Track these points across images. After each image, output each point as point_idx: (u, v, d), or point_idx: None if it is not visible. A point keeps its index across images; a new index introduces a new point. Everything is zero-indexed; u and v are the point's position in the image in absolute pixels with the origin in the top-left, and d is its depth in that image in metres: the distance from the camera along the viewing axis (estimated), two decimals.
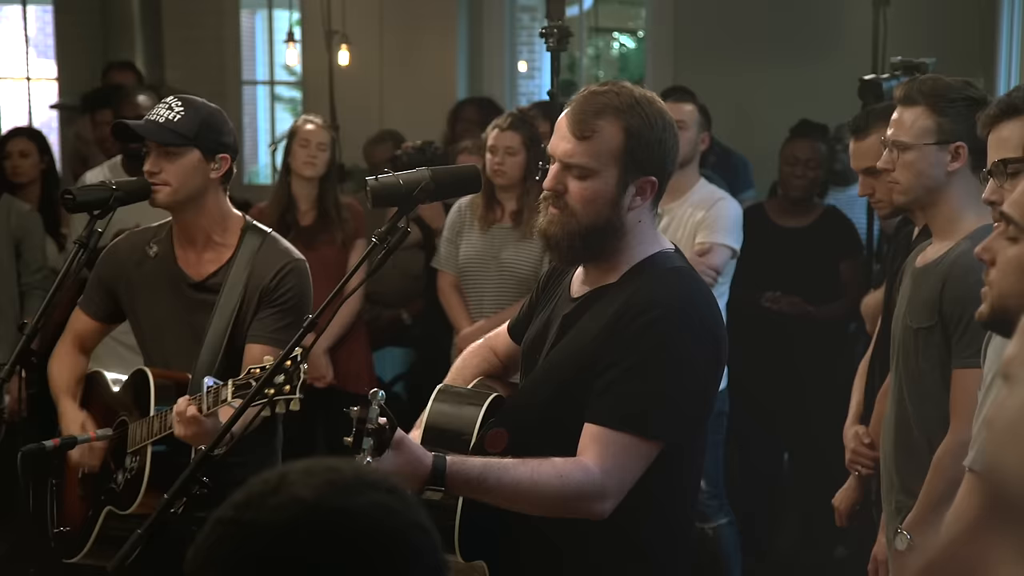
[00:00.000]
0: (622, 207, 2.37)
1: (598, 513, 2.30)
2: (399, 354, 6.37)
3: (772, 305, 5.37)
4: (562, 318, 2.47)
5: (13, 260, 5.12)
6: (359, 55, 7.34)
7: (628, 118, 2.35)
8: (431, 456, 2.24)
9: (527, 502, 2.31)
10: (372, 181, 2.42)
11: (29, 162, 5.61)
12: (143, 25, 8.06)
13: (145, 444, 3.05)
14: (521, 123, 4.78)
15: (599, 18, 9.09)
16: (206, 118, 3.16)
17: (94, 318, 3.37)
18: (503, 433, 2.40)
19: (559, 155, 2.38)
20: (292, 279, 3.17)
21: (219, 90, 7.88)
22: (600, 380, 2.32)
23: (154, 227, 3.34)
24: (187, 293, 3.22)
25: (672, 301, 2.34)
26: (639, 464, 2.31)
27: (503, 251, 4.81)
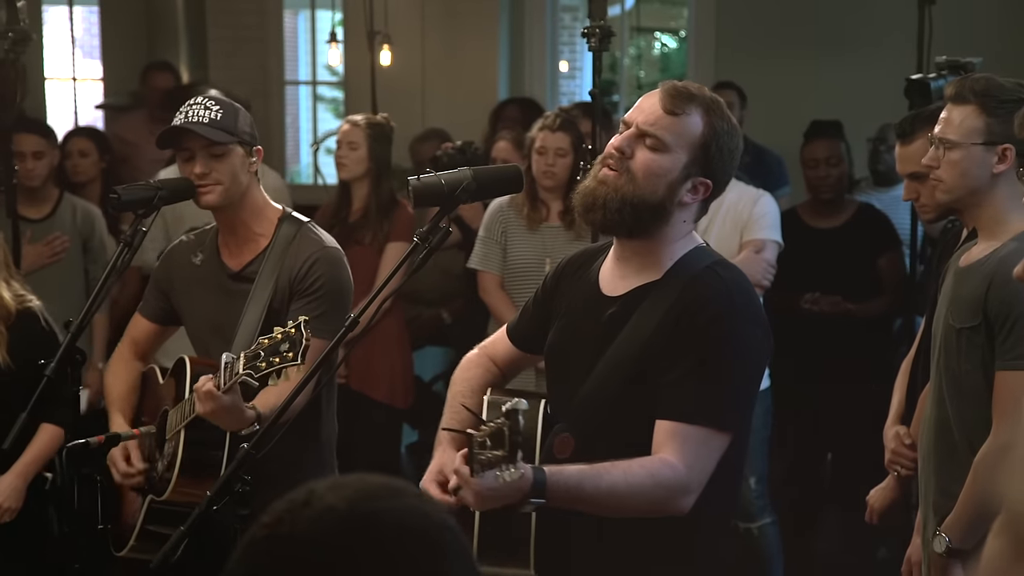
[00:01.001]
0: (676, 195, 2.39)
1: (684, 508, 2.32)
2: (439, 353, 6.38)
3: (812, 306, 5.34)
4: (608, 318, 2.45)
5: (80, 256, 5.19)
6: (401, 55, 7.36)
7: (715, 118, 2.41)
8: (531, 468, 2.21)
9: (625, 504, 2.31)
10: (414, 181, 2.43)
11: (88, 161, 5.67)
12: (187, 26, 8.13)
13: (178, 429, 3.08)
14: (569, 124, 4.78)
15: (641, 18, 9.08)
16: (240, 113, 3.20)
17: (150, 320, 3.41)
18: (569, 438, 2.41)
19: (640, 121, 2.40)
20: (321, 267, 3.16)
21: (262, 90, 7.93)
22: (669, 377, 2.34)
23: (199, 234, 3.38)
24: (227, 285, 3.25)
25: (729, 296, 2.39)
26: (715, 456, 2.34)
27: (556, 251, 4.80)
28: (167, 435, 3.16)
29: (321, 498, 1.31)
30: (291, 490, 1.34)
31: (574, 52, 8.83)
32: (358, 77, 7.54)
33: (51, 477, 3.71)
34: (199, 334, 3.33)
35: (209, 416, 2.86)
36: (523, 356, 2.73)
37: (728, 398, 2.36)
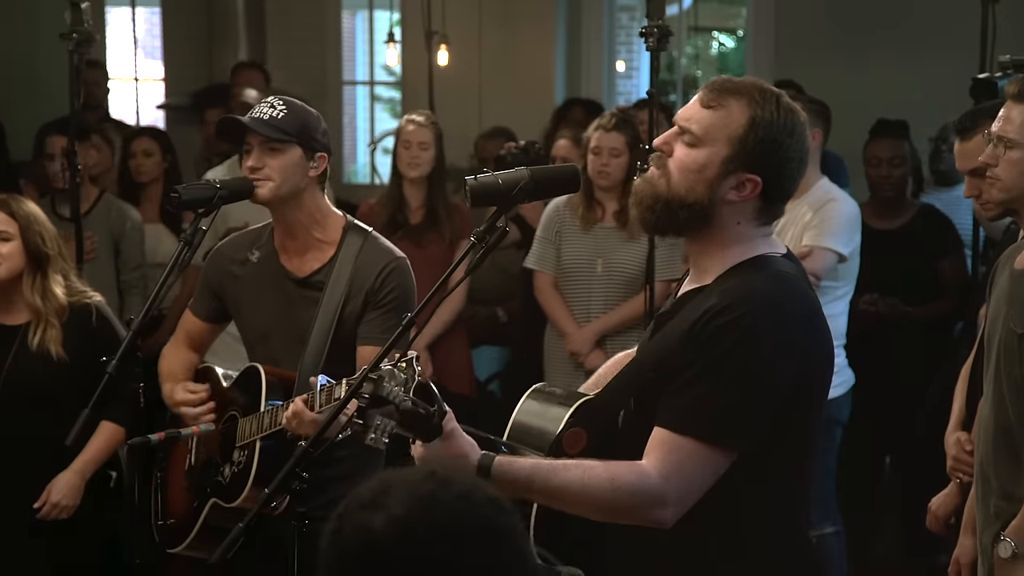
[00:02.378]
0: (717, 193, 2.27)
1: (657, 520, 2.21)
2: (495, 352, 6.38)
3: (870, 308, 5.29)
4: (656, 318, 2.43)
5: (112, 258, 5.24)
6: (458, 55, 7.37)
7: (758, 109, 2.26)
8: (480, 453, 2.20)
9: (578, 506, 2.24)
10: (471, 180, 2.42)
11: (152, 161, 5.72)
12: (247, 26, 8.20)
13: (254, 439, 3.10)
14: (624, 124, 4.76)
15: (698, 17, 9.02)
16: (306, 117, 3.23)
17: (202, 319, 3.44)
18: (582, 434, 2.35)
19: (678, 118, 2.33)
20: (395, 278, 3.21)
21: (320, 90, 7.98)
22: (673, 383, 2.23)
23: (256, 230, 3.40)
24: (291, 290, 3.27)
25: (753, 303, 2.22)
26: (705, 472, 2.20)
27: (609, 251, 4.80)
28: (238, 442, 3.18)
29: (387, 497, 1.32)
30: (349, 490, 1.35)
31: (631, 52, 8.80)
32: (415, 77, 7.57)
33: (115, 476, 3.75)
34: (256, 334, 3.35)
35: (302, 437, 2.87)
36: None
37: (728, 412, 2.19)
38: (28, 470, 3.65)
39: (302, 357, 3.16)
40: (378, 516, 1.32)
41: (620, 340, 4.76)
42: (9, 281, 3.63)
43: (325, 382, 2.82)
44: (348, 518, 1.33)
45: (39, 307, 3.62)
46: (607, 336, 4.84)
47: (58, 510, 3.66)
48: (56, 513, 3.66)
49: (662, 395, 2.25)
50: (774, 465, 2.29)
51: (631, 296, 4.77)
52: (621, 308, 4.80)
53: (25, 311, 3.66)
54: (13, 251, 3.61)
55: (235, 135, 3.24)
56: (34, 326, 3.63)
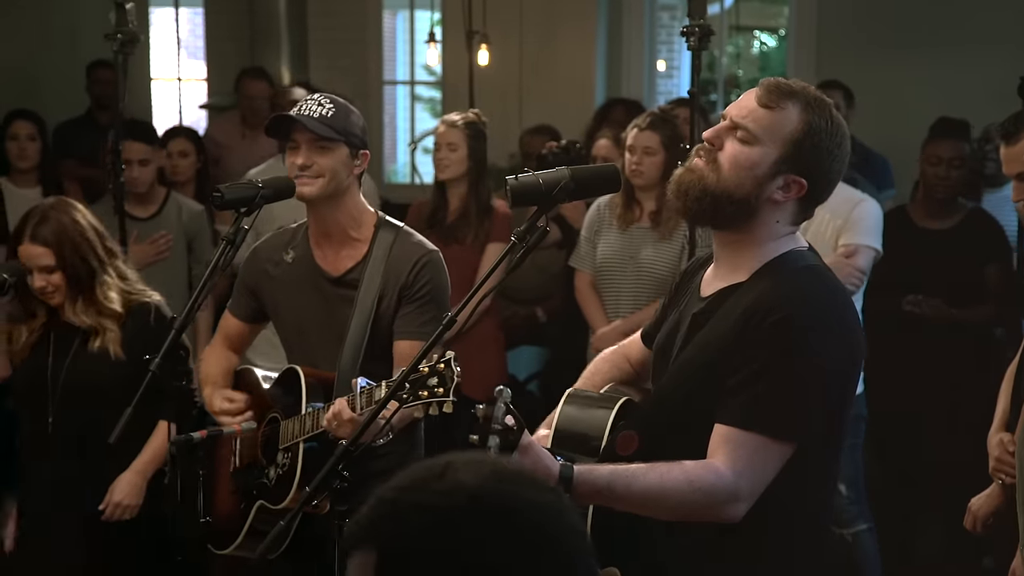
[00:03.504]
0: (764, 192, 2.31)
1: (731, 516, 2.26)
2: (534, 352, 6.37)
3: (914, 308, 5.25)
4: (691, 317, 2.42)
5: (185, 256, 5.28)
6: (499, 55, 7.38)
7: (814, 115, 2.31)
8: (558, 464, 2.22)
9: (657, 508, 2.28)
10: (512, 180, 2.42)
11: (187, 161, 5.76)
12: (289, 27, 8.24)
13: (297, 441, 3.12)
14: (661, 123, 4.75)
15: (740, 16, 8.99)
16: (351, 116, 3.26)
17: (240, 319, 3.46)
18: (634, 436, 2.37)
19: (732, 114, 2.34)
20: (428, 272, 3.22)
21: (361, 90, 8.01)
22: (730, 380, 2.27)
23: (290, 230, 3.41)
24: (326, 289, 3.28)
25: (802, 300, 2.29)
26: (771, 465, 2.26)
27: (641, 251, 4.79)
28: (281, 444, 3.20)
29: (456, 471, 1.31)
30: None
31: (672, 51, 8.77)
32: (456, 77, 7.58)
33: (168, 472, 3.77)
34: (294, 334, 3.37)
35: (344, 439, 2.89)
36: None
37: (790, 406, 2.25)
38: (87, 468, 3.68)
39: (340, 356, 3.17)
40: (445, 485, 1.30)
41: None
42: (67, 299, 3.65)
43: (365, 384, 2.83)
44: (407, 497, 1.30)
45: (89, 323, 3.63)
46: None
47: (121, 510, 3.68)
48: (120, 513, 3.68)
49: (717, 392, 2.28)
50: (815, 458, 2.33)
51: (661, 296, 4.76)
52: (648, 308, 4.79)
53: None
54: (61, 279, 3.60)
55: (281, 131, 3.24)
56: (92, 336, 3.64)
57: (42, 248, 3.57)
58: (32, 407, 3.69)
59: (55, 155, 6.07)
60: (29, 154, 5.63)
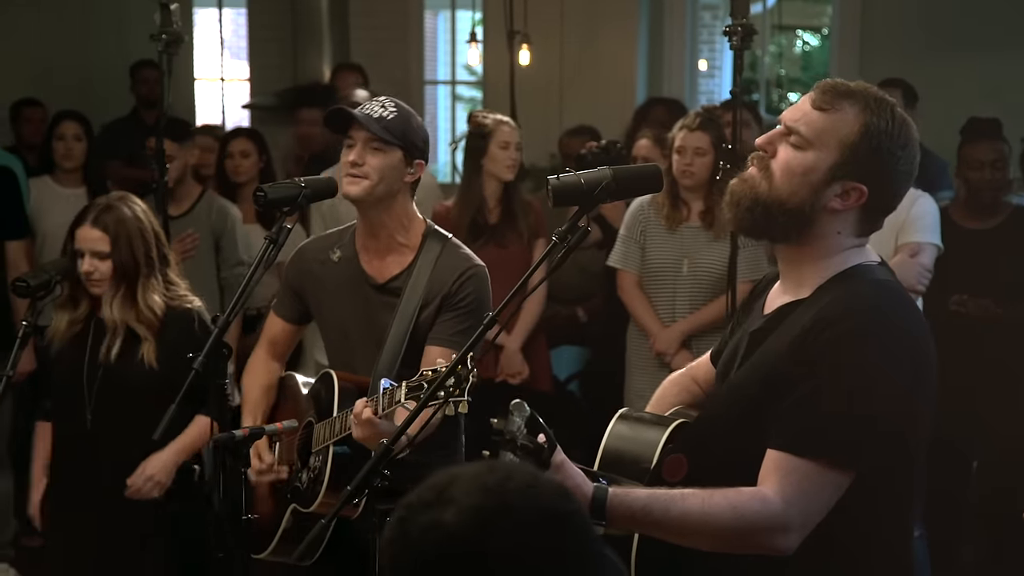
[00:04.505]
0: (819, 200, 2.17)
1: (781, 548, 2.10)
2: (574, 352, 6.36)
3: (960, 308, 5.20)
4: (750, 335, 2.29)
5: (213, 255, 5.30)
6: (540, 55, 7.38)
7: (873, 116, 2.16)
8: (592, 486, 2.11)
9: (698, 537, 2.13)
10: (554, 180, 2.40)
11: (249, 162, 5.77)
12: (331, 27, 8.27)
13: (327, 444, 3.13)
14: (710, 123, 4.73)
15: (782, 15, 8.95)
16: (412, 123, 3.24)
17: (286, 320, 3.47)
18: (682, 460, 2.24)
19: (786, 118, 2.21)
20: (472, 284, 3.22)
21: (403, 90, 8.03)
22: (784, 402, 2.11)
23: (338, 231, 3.42)
24: (370, 295, 3.29)
25: (863, 315, 2.12)
26: (827, 493, 2.10)
27: (696, 251, 4.77)
28: (313, 447, 3.21)
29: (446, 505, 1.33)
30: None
31: (713, 51, 8.74)
32: (497, 76, 7.59)
33: (198, 469, 3.77)
34: (335, 337, 3.38)
35: (364, 440, 2.90)
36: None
37: (847, 430, 2.08)
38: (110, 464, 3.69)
39: (377, 362, 3.18)
40: (448, 510, 1.32)
41: (706, 340, 4.73)
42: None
43: (387, 385, 2.84)
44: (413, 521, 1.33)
45: (119, 322, 3.65)
46: (692, 336, 4.82)
47: (151, 485, 3.66)
48: (148, 489, 3.66)
49: (771, 415, 2.14)
50: (886, 481, 2.18)
51: (717, 296, 4.75)
52: (707, 308, 4.77)
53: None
54: (111, 269, 3.63)
55: (340, 126, 3.26)
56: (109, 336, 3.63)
57: (100, 233, 3.62)
58: (69, 402, 3.70)
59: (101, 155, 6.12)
60: (75, 154, 5.69)
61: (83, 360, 3.68)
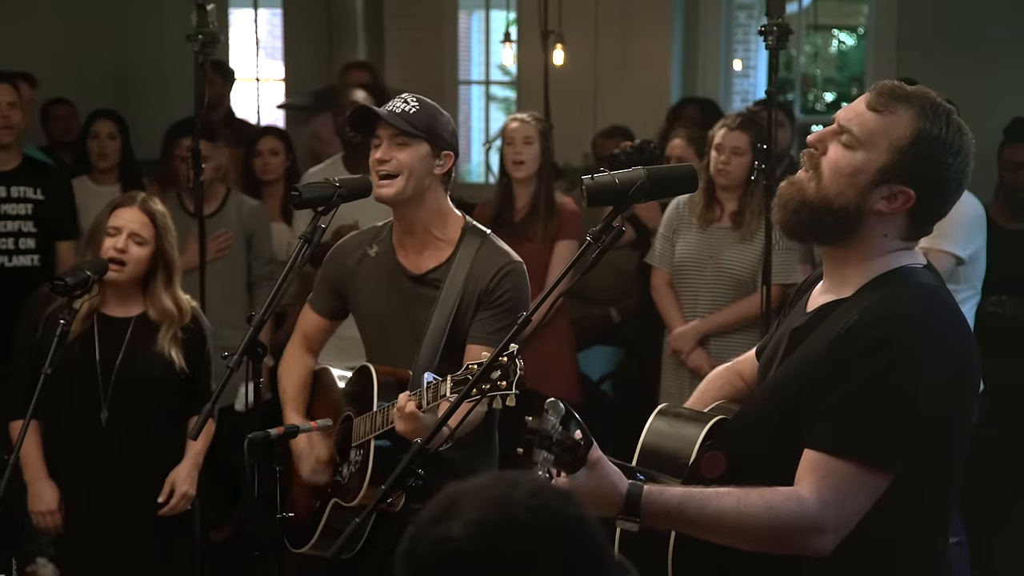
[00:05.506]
0: (866, 201, 2.16)
1: (817, 549, 2.10)
2: (607, 353, 6.36)
3: (997, 309, 5.16)
4: (791, 332, 2.28)
5: (244, 253, 5.33)
6: (574, 54, 7.37)
7: (927, 122, 2.15)
8: (627, 483, 2.11)
9: (733, 536, 2.13)
10: (588, 180, 2.40)
11: (278, 160, 5.81)
12: (366, 27, 8.29)
13: (368, 438, 3.14)
14: (750, 123, 4.72)
15: (818, 15, 8.89)
16: (437, 115, 3.25)
17: (322, 315, 3.48)
18: (720, 457, 2.23)
19: (839, 117, 2.20)
20: (510, 281, 3.21)
21: (436, 90, 8.04)
22: (822, 402, 2.11)
23: (376, 228, 3.42)
24: (407, 287, 3.29)
25: (904, 317, 2.11)
26: (864, 495, 2.10)
27: (721, 251, 4.76)
28: (353, 442, 3.22)
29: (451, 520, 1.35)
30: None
31: (748, 50, 8.70)
32: (531, 76, 7.59)
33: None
34: (373, 331, 3.38)
35: (407, 434, 2.90)
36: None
37: (884, 432, 2.08)
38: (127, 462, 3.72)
39: (417, 356, 3.18)
40: (454, 525, 1.33)
41: (724, 341, 4.73)
42: (128, 282, 3.70)
43: (432, 379, 2.84)
44: (422, 536, 1.35)
45: (168, 309, 3.69)
46: (711, 337, 4.80)
47: (185, 500, 3.72)
48: (183, 505, 3.72)
49: (809, 414, 2.14)
50: (926, 483, 2.18)
51: (739, 298, 4.74)
52: (728, 309, 4.76)
53: (137, 305, 3.72)
54: (143, 256, 3.67)
55: (365, 126, 3.27)
56: (165, 327, 3.69)
57: (146, 218, 3.68)
58: (80, 400, 3.71)
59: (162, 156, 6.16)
60: (109, 152, 5.73)
61: (94, 358, 3.69)
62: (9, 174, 5.06)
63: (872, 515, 2.13)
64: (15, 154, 5.11)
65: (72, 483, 3.79)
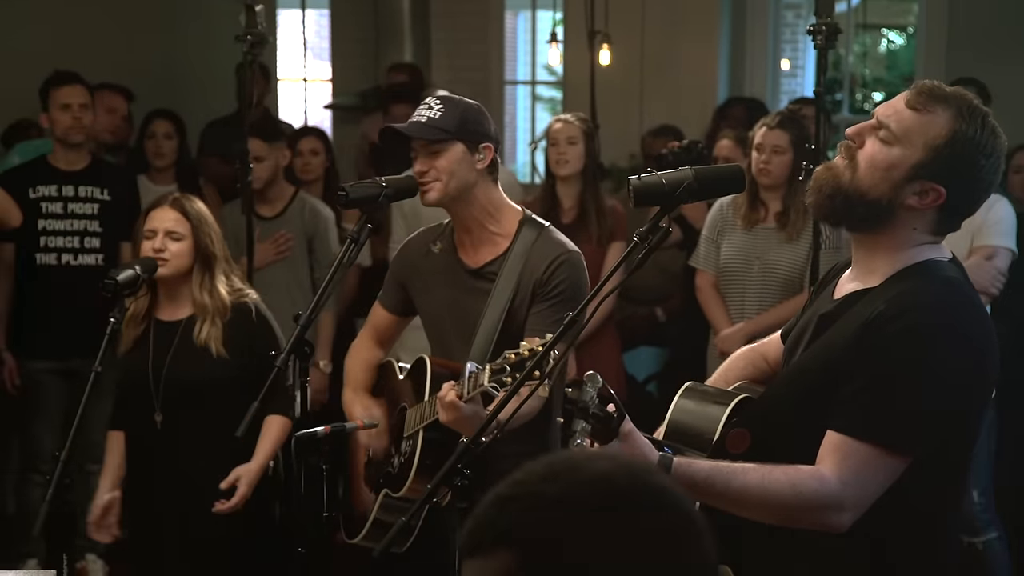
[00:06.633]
0: (898, 196, 2.24)
1: (834, 525, 2.20)
2: (653, 353, 6.34)
3: None
4: (819, 318, 2.36)
5: (306, 255, 5.35)
6: (620, 54, 7.35)
7: (963, 123, 2.23)
8: (657, 454, 2.21)
9: (756, 509, 2.24)
10: (635, 180, 2.40)
11: (318, 160, 5.84)
12: (412, 27, 8.32)
13: (417, 429, 3.16)
14: (790, 122, 4.69)
15: (867, 14, 8.83)
16: (464, 111, 3.22)
17: (389, 311, 3.50)
18: (746, 434, 2.33)
19: (879, 112, 2.29)
20: (564, 271, 3.19)
21: (483, 91, 8.05)
22: (846, 387, 2.21)
23: (441, 224, 3.43)
24: (464, 281, 3.30)
25: (929, 309, 2.21)
26: (882, 477, 2.19)
27: (767, 252, 4.73)
28: (405, 432, 3.25)
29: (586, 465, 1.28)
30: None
31: (796, 50, 8.66)
32: (577, 76, 7.57)
33: (271, 465, 3.81)
34: (433, 324, 3.40)
35: (450, 424, 2.93)
36: None
37: (906, 417, 2.18)
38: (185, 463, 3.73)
39: (471, 348, 3.19)
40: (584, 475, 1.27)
41: None
42: (174, 279, 3.73)
43: (473, 368, 2.85)
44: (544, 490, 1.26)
45: (206, 304, 3.72)
46: (758, 338, 4.77)
47: (240, 501, 3.69)
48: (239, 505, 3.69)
49: (832, 398, 2.23)
50: (943, 469, 2.27)
51: (786, 298, 4.71)
52: (775, 310, 4.73)
53: (188, 307, 3.75)
54: (183, 250, 3.71)
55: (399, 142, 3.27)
56: (199, 322, 3.72)
57: (177, 215, 3.72)
58: (137, 403, 3.75)
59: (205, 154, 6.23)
60: (165, 152, 5.80)
61: (147, 362, 3.73)
62: (78, 174, 5.13)
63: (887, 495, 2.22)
64: (84, 154, 5.18)
65: (128, 485, 3.83)
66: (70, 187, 5.11)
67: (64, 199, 5.09)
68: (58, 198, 5.09)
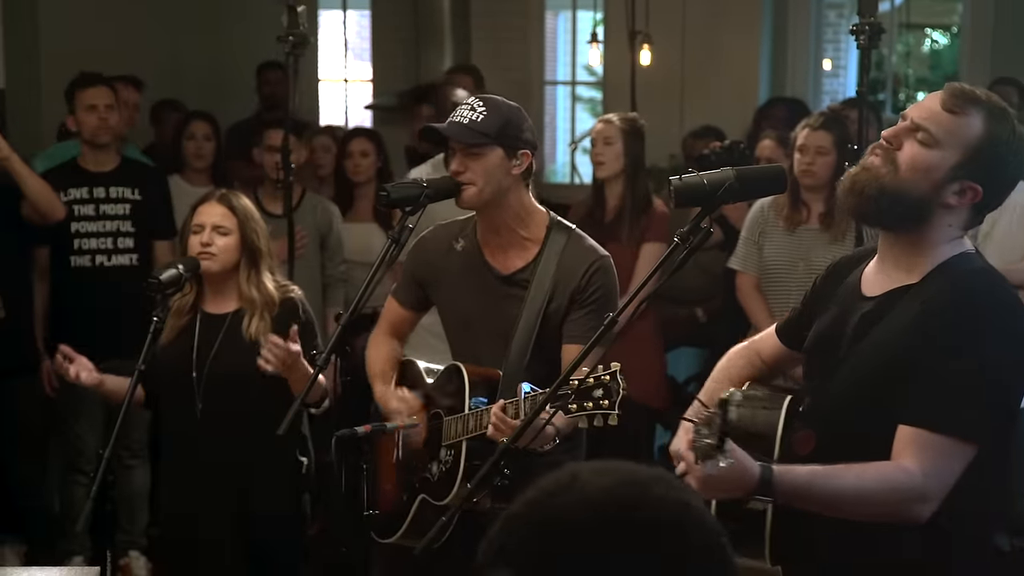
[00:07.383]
0: (940, 195, 2.33)
1: (919, 516, 2.28)
2: (693, 354, 6.31)
3: None
4: (860, 317, 2.42)
5: (319, 253, 5.38)
6: (661, 55, 7.33)
7: (996, 125, 2.34)
8: (758, 465, 2.25)
9: (852, 508, 2.31)
10: (676, 181, 2.41)
11: (368, 161, 5.85)
12: (453, 28, 8.33)
13: (460, 439, 3.15)
14: (833, 122, 4.66)
15: (911, 13, 8.75)
16: (507, 116, 3.21)
17: (405, 307, 3.50)
18: (811, 435, 2.39)
19: (914, 115, 2.36)
20: (600, 277, 3.21)
21: (523, 91, 8.05)
22: (916, 382, 2.29)
23: (460, 221, 3.42)
24: (494, 287, 3.29)
25: (981, 299, 2.33)
26: (958, 465, 2.28)
27: (812, 253, 4.70)
28: (443, 441, 3.24)
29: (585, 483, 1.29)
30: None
31: (838, 50, 8.60)
32: (617, 77, 7.56)
33: (305, 463, 3.82)
34: (458, 328, 3.39)
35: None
36: (789, 353, 2.69)
37: (976, 407, 2.28)
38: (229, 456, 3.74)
39: (507, 356, 3.18)
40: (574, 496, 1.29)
41: None
42: (221, 273, 3.75)
43: (530, 390, 2.84)
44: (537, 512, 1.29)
45: (254, 299, 3.74)
46: None
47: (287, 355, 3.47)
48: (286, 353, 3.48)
49: (896, 394, 2.30)
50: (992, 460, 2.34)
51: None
52: None
53: (234, 301, 3.77)
54: (230, 245, 3.73)
55: (437, 140, 3.28)
56: (248, 316, 3.73)
57: (224, 209, 3.74)
58: (178, 395, 3.76)
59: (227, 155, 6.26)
60: (205, 153, 5.84)
61: (191, 352, 3.74)
62: (108, 175, 5.17)
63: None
64: (113, 155, 5.21)
65: (170, 477, 3.86)
66: (101, 188, 5.15)
67: (96, 200, 5.13)
68: (90, 200, 5.12)
